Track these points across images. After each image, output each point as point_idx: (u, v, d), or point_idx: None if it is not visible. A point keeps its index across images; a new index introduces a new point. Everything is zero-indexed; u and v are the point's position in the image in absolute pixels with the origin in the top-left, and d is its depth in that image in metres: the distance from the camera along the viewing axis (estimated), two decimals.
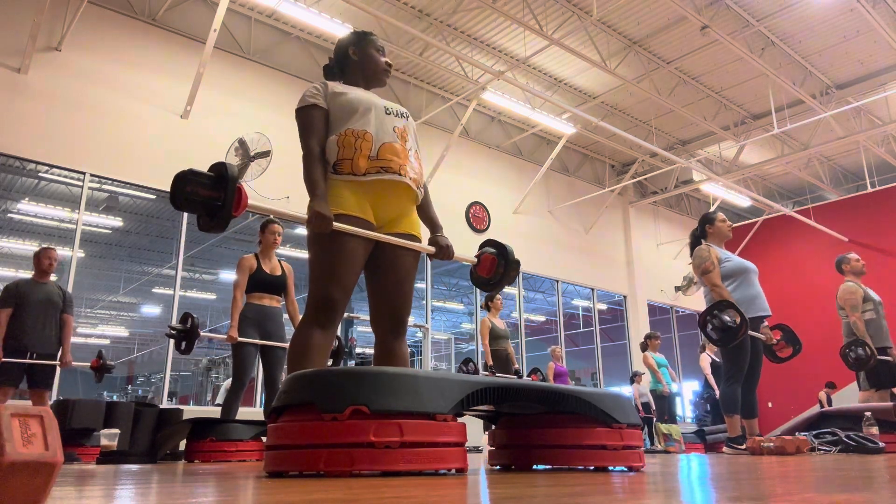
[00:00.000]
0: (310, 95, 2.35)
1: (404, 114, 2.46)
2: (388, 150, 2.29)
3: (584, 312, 14.45)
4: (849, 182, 14.49)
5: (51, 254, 5.20)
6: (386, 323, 2.37)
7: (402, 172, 2.30)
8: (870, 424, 4.16)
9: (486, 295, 7.28)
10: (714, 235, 4.61)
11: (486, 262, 2.60)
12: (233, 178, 1.94)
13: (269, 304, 4.72)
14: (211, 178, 1.94)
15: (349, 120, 2.30)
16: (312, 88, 2.37)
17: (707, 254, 4.44)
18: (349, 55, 2.49)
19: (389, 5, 8.65)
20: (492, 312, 7.20)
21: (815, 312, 13.04)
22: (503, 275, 2.57)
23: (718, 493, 1.20)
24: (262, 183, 8.18)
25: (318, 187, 2.21)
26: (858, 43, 9.85)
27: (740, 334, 4.08)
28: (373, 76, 2.49)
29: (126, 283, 13.82)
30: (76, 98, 7.29)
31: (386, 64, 2.50)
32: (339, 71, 2.52)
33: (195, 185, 1.91)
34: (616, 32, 9.55)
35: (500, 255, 2.59)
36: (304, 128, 2.33)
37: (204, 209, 1.94)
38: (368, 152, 2.26)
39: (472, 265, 2.66)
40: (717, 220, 4.63)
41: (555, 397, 1.98)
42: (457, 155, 10.62)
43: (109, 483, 1.64)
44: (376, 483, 1.38)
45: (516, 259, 2.59)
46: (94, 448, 5.26)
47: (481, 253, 2.64)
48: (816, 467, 2.17)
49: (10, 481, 0.74)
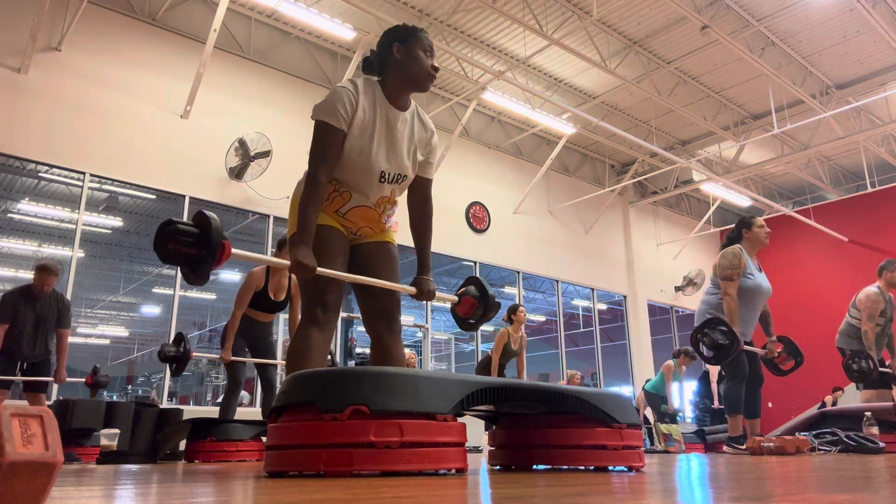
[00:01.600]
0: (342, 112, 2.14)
1: (402, 177, 2.30)
2: (358, 213, 2.31)
3: (584, 312, 14.44)
4: (849, 182, 14.49)
5: (45, 279, 5.01)
6: (379, 321, 2.36)
7: (358, 233, 2.37)
8: (870, 424, 4.16)
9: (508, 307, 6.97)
10: (749, 241, 4.43)
11: (466, 303, 2.61)
12: (216, 234, 1.89)
13: (261, 319, 4.72)
14: (193, 236, 1.91)
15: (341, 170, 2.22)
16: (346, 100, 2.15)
17: (737, 261, 4.27)
18: (392, 53, 2.25)
19: (389, 5, 8.65)
20: (513, 326, 6.88)
21: (815, 312, 13.05)
22: (481, 316, 2.59)
23: (718, 493, 1.20)
24: (262, 183, 8.19)
25: (308, 233, 2.11)
26: (858, 43, 9.85)
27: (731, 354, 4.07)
28: (415, 81, 2.25)
29: (126, 283, 13.81)
30: (76, 98, 7.29)
31: (432, 68, 2.26)
32: (379, 67, 2.29)
33: (176, 244, 1.89)
34: (616, 32, 9.55)
35: (482, 297, 2.59)
36: (319, 148, 2.15)
37: (186, 263, 1.93)
38: (338, 207, 2.28)
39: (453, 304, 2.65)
40: (754, 226, 4.44)
41: (555, 397, 1.98)
42: (457, 155, 10.62)
43: (109, 483, 1.64)
44: (376, 483, 1.38)
45: (497, 301, 2.60)
46: (94, 448, 5.26)
47: (463, 293, 2.63)
48: (816, 467, 2.17)
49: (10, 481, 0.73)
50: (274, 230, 8.53)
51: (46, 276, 5.02)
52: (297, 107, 9.06)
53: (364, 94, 2.22)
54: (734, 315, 4.19)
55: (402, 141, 2.29)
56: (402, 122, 2.28)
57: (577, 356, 14.40)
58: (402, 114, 2.28)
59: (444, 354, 17.60)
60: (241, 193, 8.25)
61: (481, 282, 2.62)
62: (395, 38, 2.27)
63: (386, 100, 2.25)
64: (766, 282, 4.45)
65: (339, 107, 2.15)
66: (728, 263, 4.29)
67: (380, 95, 2.25)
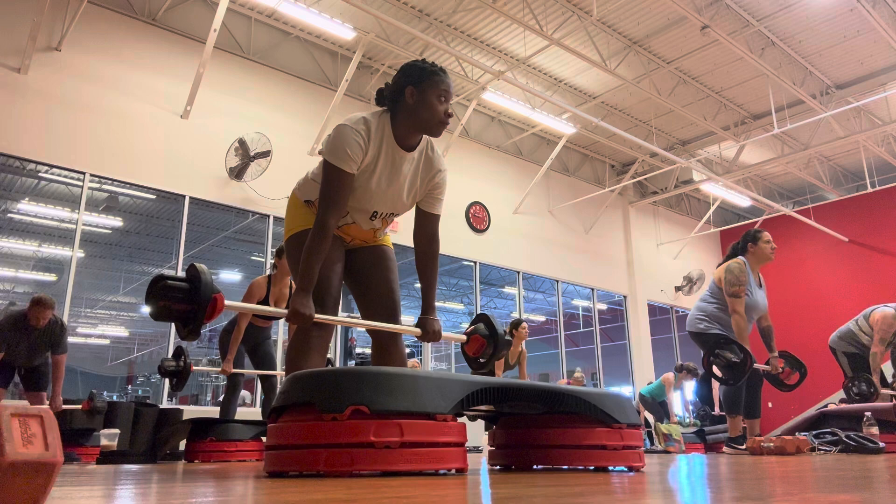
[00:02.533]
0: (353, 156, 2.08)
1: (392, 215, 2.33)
2: (352, 231, 2.35)
3: (584, 312, 14.45)
4: (849, 182, 14.49)
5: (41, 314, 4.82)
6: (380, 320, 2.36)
7: (351, 244, 2.39)
8: (870, 424, 4.16)
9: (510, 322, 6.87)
10: (754, 255, 4.41)
11: (475, 343, 2.59)
12: (206, 290, 1.87)
13: (259, 324, 4.74)
14: (183, 292, 1.89)
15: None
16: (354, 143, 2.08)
17: (743, 276, 4.25)
18: (405, 96, 2.13)
19: (389, 5, 8.65)
20: (514, 340, 6.73)
21: (814, 312, 13.05)
22: (491, 356, 2.56)
23: (718, 493, 1.20)
24: (262, 183, 8.19)
25: (310, 281, 2.06)
26: (858, 43, 9.85)
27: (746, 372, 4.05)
28: (425, 128, 2.16)
29: (126, 283, 13.81)
30: (76, 98, 7.29)
31: (445, 115, 2.15)
32: (391, 105, 2.19)
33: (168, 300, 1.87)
34: (616, 32, 9.54)
35: (491, 336, 2.56)
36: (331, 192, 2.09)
37: (179, 320, 1.91)
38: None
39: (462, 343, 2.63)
40: (761, 241, 4.42)
41: (555, 397, 1.98)
42: (457, 155, 10.62)
43: (109, 483, 1.64)
44: (376, 483, 1.38)
45: (507, 339, 2.59)
46: (94, 448, 5.26)
47: (472, 331, 2.60)
48: (816, 467, 2.17)
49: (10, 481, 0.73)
50: (274, 230, 8.53)
51: (42, 310, 4.84)
52: (297, 107, 9.07)
53: (375, 134, 2.14)
54: (743, 333, 4.15)
55: (402, 181, 2.24)
56: (407, 163, 2.23)
57: (577, 356, 14.40)
58: (408, 154, 2.22)
59: (444, 354, 17.61)
60: (241, 193, 8.25)
61: (490, 319, 2.59)
62: (410, 80, 2.15)
63: (394, 139, 2.17)
64: (763, 298, 4.42)
65: (348, 150, 2.08)
66: (735, 279, 4.24)
67: (388, 135, 2.17)
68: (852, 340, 5.46)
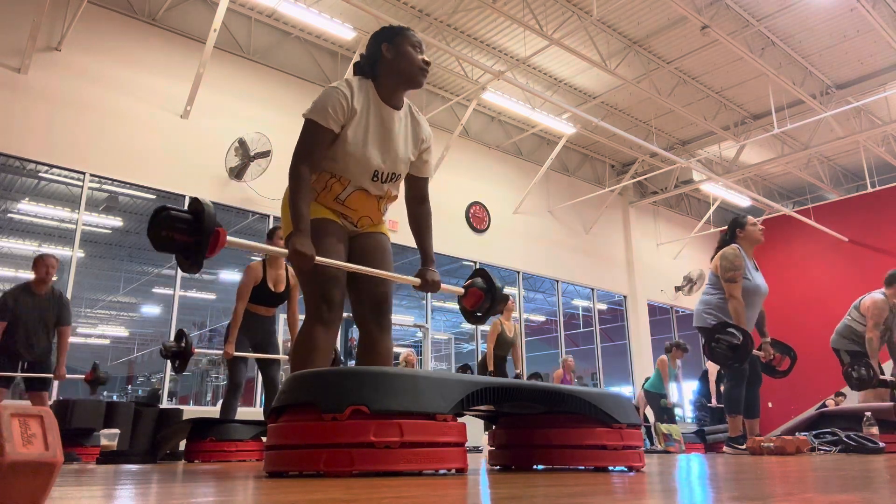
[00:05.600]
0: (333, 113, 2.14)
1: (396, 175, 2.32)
2: (358, 200, 2.30)
3: (584, 312, 14.44)
4: (849, 182, 14.49)
5: (48, 262, 5.01)
6: (369, 316, 2.35)
7: (358, 224, 2.35)
8: (870, 424, 4.16)
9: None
10: (745, 240, 4.42)
11: (473, 296, 2.60)
12: (209, 221, 1.89)
13: (263, 313, 4.73)
14: (186, 223, 1.90)
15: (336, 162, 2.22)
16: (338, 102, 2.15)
17: (739, 262, 4.26)
18: (382, 53, 2.25)
19: (389, 5, 8.65)
20: (504, 315, 6.98)
21: (815, 312, 13.04)
22: (488, 309, 2.58)
23: (718, 493, 1.20)
24: (262, 183, 8.19)
25: (303, 221, 2.10)
26: (858, 43, 9.85)
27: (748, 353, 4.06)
28: (407, 78, 2.26)
29: (126, 283, 13.81)
30: (76, 98, 7.29)
31: (423, 62, 2.27)
32: (370, 68, 2.29)
33: (171, 231, 1.88)
34: (616, 32, 9.55)
35: (489, 289, 2.58)
36: (304, 145, 2.16)
37: (181, 251, 1.92)
38: (338, 194, 2.28)
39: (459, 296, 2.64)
40: (747, 224, 4.44)
41: (555, 397, 1.98)
42: (457, 155, 10.62)
43: (109, 483, 1.64)
44: (376, 483, 1.38)
45: (504, 294, 2.60)
46: (94, 448, 5.26)
47: (470, 285, 2.61)
48: (816, 467, 2.17)
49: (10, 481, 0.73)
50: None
51: (48, 260, 5.00)
52: (298, 107, 9.04)
53: (358, 93, 2.22)
54: (741, 317, 4.18)
55: (397, 140, 2.29)
56: (397, 121, 2.29)
57: (577, 356, 14.37)
58: (396, 112, 2.29)
59: (444, 354, 17.61)
60: (241, 193, 8.25)
61: (488, 274, 2.62)
62: (383, 38, 2.28)
63: (380, 99, 2.26)
64: (763, 282, 4.45)
65: (329, 107, 2.15)
66: (730, 265, 4.27)
67: (374, 95, 2.26)
68: (852, 336, 5.47)
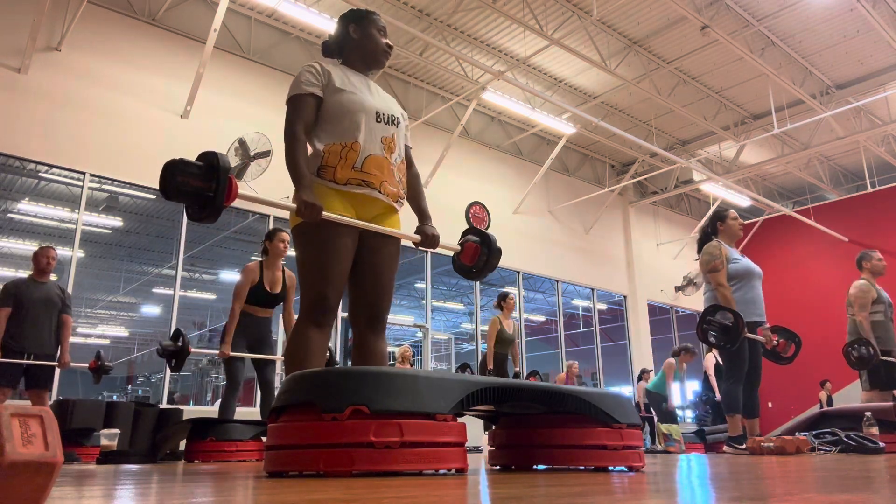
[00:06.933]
0: (306, 83, 2.28)
1: (395, 119, 2.39)
2: (373, 164, 2.29)
3: (584, 312, 14.44)
4: (849, 182, 14.49)
5: (49, 252, 5.12)
6: (363, 318, 2.36)
7: (381, 189, 2.32)
8: (870, 424, 4.16)
9: (498, 294, 7.12)
10: (725, 233, 4.56)
11: (470, 250, 2.62)
12: (224, 168, 1.93)
13: (259, 314, 4.71)
14: (201, 169, 1.93)
15: (340, 122, 2.27)
16: (309, 74, 2.29)
17: (718, 252, 4.40)
18: (349, 34, 2.43)
19: (389, 5, 8.65)
20: (503, 313, 6.94)
21: (815, 312, 13.05)
22: (486, 262, 2.59)
23: (718, 493, 1.20)
24: (262, 183, 8.19)
25: (304, 177, 2.18)
26: (858, 43, 9.85)
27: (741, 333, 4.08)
28: (372, 58, 2.44)
29: (126, 283, 13.81)
30: (76, 98, 7.29)
31: (386, 45, 2.45)
32: (338, 49, 2.47)
33: (185, 176, 1.91)
34: (616, 32, 9.55)
35: (483, 242, 2.60)
36: (293, 113, 2.26)
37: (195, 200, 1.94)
38: (353, 162, 2.26)
39: (455, 253, 2.65)
40: (728, 218, 4.58)
41: (555, 397, 1.98)
42: (457, 155, 10.61)
43: (109, 483, 1.64)
44: (376, 483, 1.38)
45: (499, 247, 2.60)
46: (94, 448, 5.25)
47: (464, 241, 2.65)
48: (816, 467, 2.17)
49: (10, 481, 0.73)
50: None
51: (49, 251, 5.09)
52: None
53: (330, 66, 2.37)
54: (730, 301, 4.28)
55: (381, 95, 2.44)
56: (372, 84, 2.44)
57: (577, 356, 14.40)
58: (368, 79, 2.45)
59: (444, 354, 17.61)
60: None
61: (480, 230, 2.66)
62: (350, 20, 2.44)
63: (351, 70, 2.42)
64: (753, 263, 4.55)
65: (300, 81, 2.29)
66: (710, 258, 4.42)
67: (346, 68, 2.42)
68: (855, 331, 5.46)
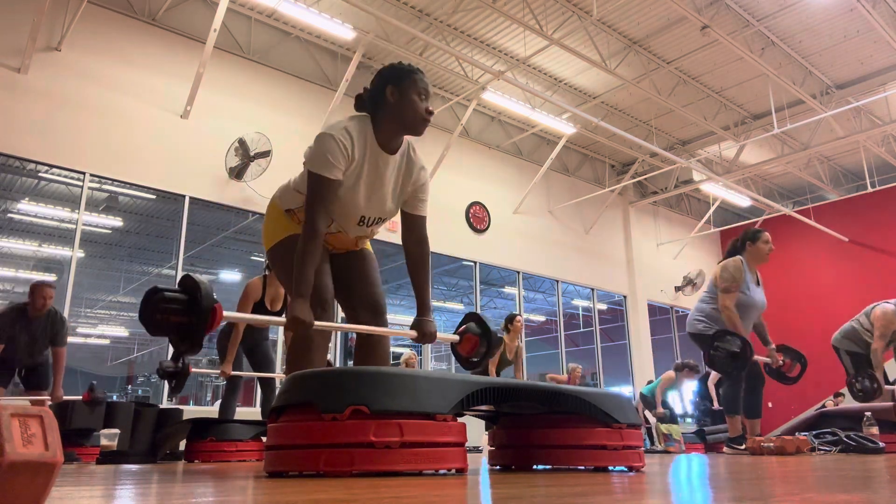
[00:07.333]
0: (335, 162, 2.08)
1: (381, 220, 2.32)
2: (338, 238, 2.36)
3: (584, 312, 14.44)
4: (849, 182, 14.48)
5: (45, 292, 4.87)
6: (365, 317, 2.36)
7: (336, 248, 2.40)
8: (870, 424, 4.16)
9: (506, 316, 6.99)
10: (752, 254, 4.44)
11: (468, 342, 2.60)
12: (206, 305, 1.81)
13: (258, 324, 4.71)
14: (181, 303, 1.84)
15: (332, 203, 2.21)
16: (338, 151, 2.08)
17: (738, 274, 4.29)
18: (386, 97, 2.16)
19: (389, 5, 8.65)
20: (509, 335, 6.74)
21: (814, 312, 13.04)
22: (484, 354, 2.57)
23: (718, 493, 1.20)
24: (262, 183, 8.19)
25: (306, 286, 2.05)
26: (858, 43, 9.85)
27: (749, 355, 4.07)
28: (409, 126, 2.18)
29: (126, 283, 13.80)
30: (76, 98, 7.29)
31: (427, 112, 2.17)
32: (372, 107, 2.20)
33: (165, 313, 1.81)
34: (616, 32, 9.54)
35: (483, 334, 2.56)
36: (317, 200, 2.10)
37: (177, 333, 1.85)
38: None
39: (454, 343, 2.63)
40: (759, 241, 4.44)
41: (555, 397, 1.98)
42: (457, 155, 10.61)
43: (109, 483, 1.64)
44: (376, 483, 1.38)
45: (499, 337, 2.60)
46: (94, 448, 5.26)
47: (464, 331, 2.61)
48: (817, 467, 2.17)
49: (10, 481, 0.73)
50: None
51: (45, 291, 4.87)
52: (297, 107, 9.06)
53: (358, 139, 2.15)
54: (737, 325, 4.21)
55: (387, 186, 2.25)
56: (391, 167, 2.24)
57: (577, 356, 14.41)
58: (392, 158, 2.23)
59: (444, 354, 17.60)
60: (241, 193, 8.25)
61: (482, 318, 2.60)
62: (389, 79, 2.17)
63: (377, 143, 2.19)
64: (761, 297, 4.46)
65: (332, 159, 2.09)
66: (729, 276, 4.31)
67: (371, 139, 2.18)
68: (855, 339, 5.45)
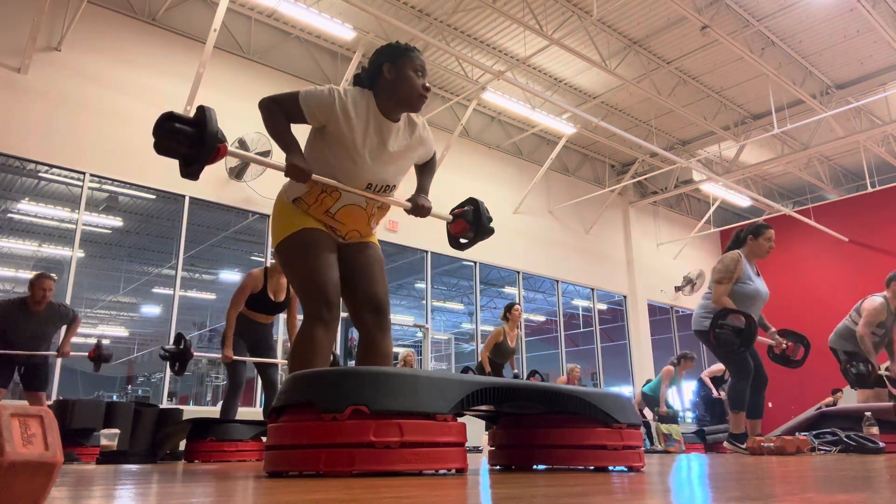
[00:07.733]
0: (316, 105, 2.17)
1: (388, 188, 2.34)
2: (347, 213, 2.32)
3: (584, 312, 14.44)
4: (849, 182, 14.48)
5: (45, 284, 4.87)
6: (368, 314, 2.36)
7: (347, 237, 2.38)
8: (870, 424, 4.16)
9: (504, 305, 7.04)
10: (751, 249, 4.42)
11: (459, 225, 2.64)
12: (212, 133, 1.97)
13: (261, 320, 4.69)
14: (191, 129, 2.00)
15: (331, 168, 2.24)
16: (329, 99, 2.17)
17: (734, 266, 4.27)
18: (383, 73, 2.22)
19: (389, 5, 8.65)
20: (509, 324, 6.81)
21: (814, 312, 13.03)
22: (472, 239, 2.64)
23: (718, 493, 1.20)
24: (262, 183, 8.19)
25: (292, 144, 2.20)
26: (858, 43, 9.85)
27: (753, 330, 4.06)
28: (406, 102, 2.23)
29: (126, 283, 13.80)
30: (76, 98, 7.29)
31: (423, 88, 2.23)
32: (370, 86, 2.27)
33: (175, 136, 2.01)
34: (616, 32, 9.54)
35: (474, 223, 2.62)
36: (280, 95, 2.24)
37: (183, 158, 2.03)
38: (328, 207, 2.30)
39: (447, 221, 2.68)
40: (761, 237, 4.41)
41: (555, 397, 1.98)
42: (457, 155, 10.61)
43: (109, 483, 1.64)
44: (376, 483, 1.38)
45: (489, 227, 2.62)
46: (94, 448, 5.25)
47: (459, 214, 2.66)
48: (817, 467, 2.17)
49: (10, 481, 0.73)
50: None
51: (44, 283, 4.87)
52: None
53: (359, 100, 2.22)
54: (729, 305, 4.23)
55: (392, 153, 2.30)
56: (394, 134, 2.29)
57: (577, 356, 14.41)
58: (394, 125, 2.28)
59: (444, 354, 17.60)
60: (241, 193, 8.25)
61: (479, 206, 2.64)
62: (386, 57, 2.24)
63: (379, 111, 2.25)
64: (764, 287, 4.45)
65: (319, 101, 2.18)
66: (724, 268, 4.30)
67: (373, 106, 2.24)
68: (851, 337, 5.46)
